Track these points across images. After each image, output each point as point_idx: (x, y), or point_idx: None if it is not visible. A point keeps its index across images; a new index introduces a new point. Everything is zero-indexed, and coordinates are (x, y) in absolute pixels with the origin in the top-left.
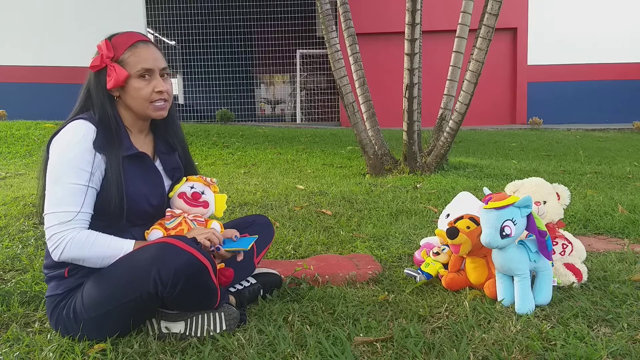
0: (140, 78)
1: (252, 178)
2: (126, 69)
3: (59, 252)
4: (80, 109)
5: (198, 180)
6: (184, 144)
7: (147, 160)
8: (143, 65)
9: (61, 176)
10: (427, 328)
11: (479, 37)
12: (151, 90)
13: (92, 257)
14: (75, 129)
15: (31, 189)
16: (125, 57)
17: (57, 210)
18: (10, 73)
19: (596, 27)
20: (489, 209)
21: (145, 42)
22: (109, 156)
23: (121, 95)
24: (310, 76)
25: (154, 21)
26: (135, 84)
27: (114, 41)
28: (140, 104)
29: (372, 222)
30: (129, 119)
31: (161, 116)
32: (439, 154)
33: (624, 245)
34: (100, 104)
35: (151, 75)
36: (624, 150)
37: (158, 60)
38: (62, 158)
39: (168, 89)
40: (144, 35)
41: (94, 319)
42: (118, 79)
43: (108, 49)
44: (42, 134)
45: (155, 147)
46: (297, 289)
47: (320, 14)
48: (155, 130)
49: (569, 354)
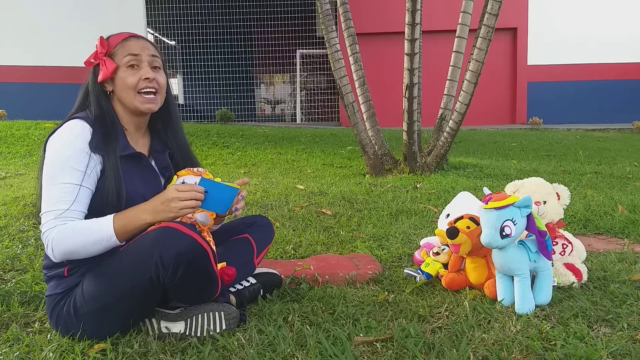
0: (129, 68)
1: (252, 178)
2: (115, 60)
3: (50, 251)
4: (78, 108)
5: (187, 173)
6: (185, 146)
7: (144, 160)
8: (129, 51)
9: (54, 176)
10: (427, 328)
11: (479, 37)
12: (138, 79)
13: (79, 245)
14: (71, 128)
15: (31, 189)
16: (116, 50)
17: (49, 209)
18: (10, 73)
19: (596, 27)
20: (489, 209)
21: (137, 37)
22: (107, 156)
23: (114, 89)
24: (310, 76)
25: (154, 21)
26: (122, 73)
27: (110, 39)
28: (128, 95)
29: (372, 222)
30: (124, 116)
31: (150, 110)
32: (439, 154)
33: (624, 245)
34: (96, 99)
35: (139, 63)
36: (624, 150)
37: (146, 48)
38: (56, 158)
39: (158, 79)
40: (139, 34)
41: (94, 312)
42: (107, 71)
43: (102, 45)
44: (42, 134)
45: (150, 145)
46: (297, 289)
47: (320, 14)
48: (153, 130)
49: (569, 354)
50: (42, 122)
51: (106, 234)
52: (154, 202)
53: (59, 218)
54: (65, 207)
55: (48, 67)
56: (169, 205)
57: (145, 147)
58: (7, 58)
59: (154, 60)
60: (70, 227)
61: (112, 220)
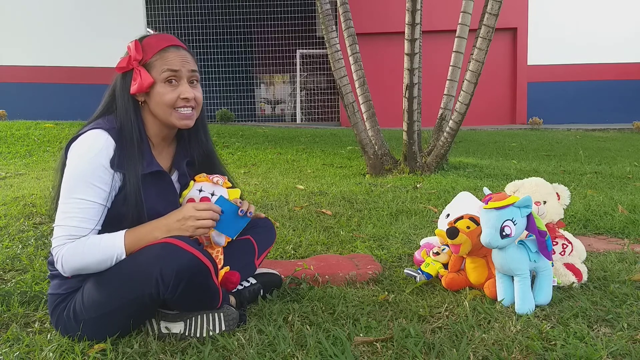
0: (166, 83)
1: (252, 178)
2: (152, 73)
3: (60, 266)
4: (103, 111)
5: (205, 180)
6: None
7: (166, 177)
8: (169, 66)
9: (71, 190)
10: (427, 328)
11: (479, 37)
12: (176, 97)
13: (90, 262)
14: (94, 140)
15: (31, 189)
16: (153, 60)
17: (62, 224)
18: (10, 73)
19: (596, 27)
20: (489, 209)
21: (176, 47)
22: (129, 174)
23: (146, 100)
24: (310, 76)
25: (154, 21)
26: (160, 89)
27: (144, 43)
28: (164, 111)
29: (372, 222)
30: (153, 127)
31: (186, 126)
32: (439, 154)
33: (624, 245)
34: (124, 109)
35: (178, 80)
36: (624, 150)
37: (187, 62)
38: (75, 171)
39: (197, 96)
40: (177, 39)
41: (94, 319)
42: (142, 85)
43: (137, 50)
44: (42, 134)
45: (174, 157)
46: (297, 289)
47: (320, 14)
48: (180, 139)
49: (569, 354)
50: (42, 122)
51: (117, 252)
52: (169, 220)
53: (70, 236)
54: (77, 224)
55: (48, 67)
56: (185, 224)
57: (169, 156)
58: (7, 58)
59: (192, 76)
60: (81, 245)
61: (124, 237)
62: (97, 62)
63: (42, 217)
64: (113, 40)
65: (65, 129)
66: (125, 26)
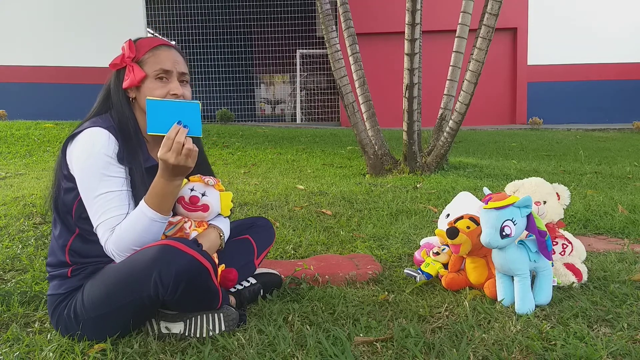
0: (157, 80)
1: (252, 178)
2: (144, 69)
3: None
4: (98, 109)
5: (198, 180)
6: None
7: None
8: (161, 65)
9: (93, 189)
10: (427, 328)
11: (479, 37)
12: (166, 93)
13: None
14: (95, 137)
15: (31, 189)
16: (146, 57)
17: (98, 222)
18: (10, 73)
19: (596, 27)
20: (489, 209)
21: (168, 47)
22: (135, 167)
23: (137, 96)
24: (310, 76)
25: (154, 21)
26: (151, 84)
27: (138, 43)
28: None
29: (372, 222)
30: (144, 124)
31: None
32: (439, 154)
33: (624, 245)
34: (119, 104)
35: (169, 78)
36: (624, 150)
37: (178, 63)
38: (90, 171)
39: (185, 94)
40: (169, 42)
41: (94, 320)
42: (134, 79)
43: (130, 49)
44: (42, 134)
45: None
46: (297, 289)
47: (320, 14)
48: None
49: (569, 354)
50: (42, 122)
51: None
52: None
53: (112, 228)
54: (112, 214)
55: (48, 67)
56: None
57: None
58: (7, 58)
59: (182, 76)
60: (118, 232)
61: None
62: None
63: (42, 217)
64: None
65: (65, 129)
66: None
